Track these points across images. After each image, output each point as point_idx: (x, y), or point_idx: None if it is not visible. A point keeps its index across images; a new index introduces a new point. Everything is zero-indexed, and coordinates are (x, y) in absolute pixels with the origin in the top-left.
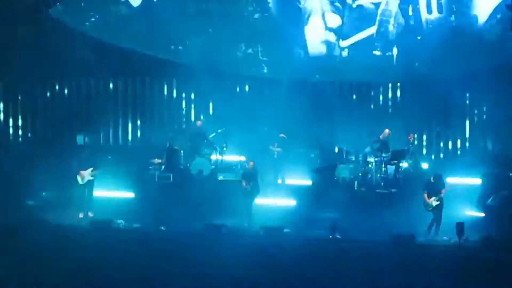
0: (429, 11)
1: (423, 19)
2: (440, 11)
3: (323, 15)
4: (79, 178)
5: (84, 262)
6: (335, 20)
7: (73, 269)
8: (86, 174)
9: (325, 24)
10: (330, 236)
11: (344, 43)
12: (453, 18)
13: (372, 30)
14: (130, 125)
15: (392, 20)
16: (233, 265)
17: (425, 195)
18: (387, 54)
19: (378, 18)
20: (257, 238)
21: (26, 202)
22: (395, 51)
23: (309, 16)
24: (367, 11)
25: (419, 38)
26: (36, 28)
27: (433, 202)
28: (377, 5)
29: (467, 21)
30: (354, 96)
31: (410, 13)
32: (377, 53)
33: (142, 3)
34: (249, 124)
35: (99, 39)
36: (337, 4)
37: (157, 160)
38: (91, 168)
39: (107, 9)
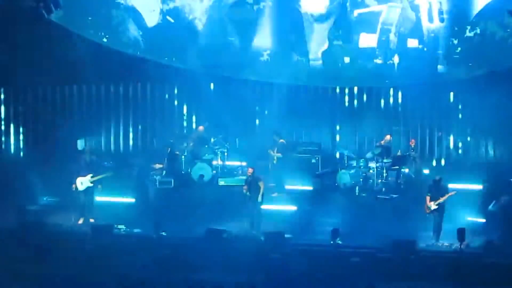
0: (430, 20)
1: (424, 28)
2: (441, 20)
3: (324, 21)
4: (78, 184)
5: (84, 267)
6: (336, 27)
7: (73, 274)
8: (85, 181)
9: (326, 30)
10: (331, 242)
11: (345, 54)
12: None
13: (372, 50)
14: (131, 130)
15: (393, 29)
16: (234, 271)
17: (428, 198)
18: (388, 62)
19: (379, 26)
20: (258, 243)
21: (27, 206)
22: (396, 59)
23: (309, 22)
24: (368, 19)
25: (420, 46)
26: (36, 32)
27: (432, 205)
28: (378, 13)
29: (467, 28)
30: (355, 102)
31: (411, 22)
32: (379, 61)
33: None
34: (250, 129)
35: (100, 44)
36: (338, 11)
37: (158, 165)
38: (90, 175)
39: (109, 14)
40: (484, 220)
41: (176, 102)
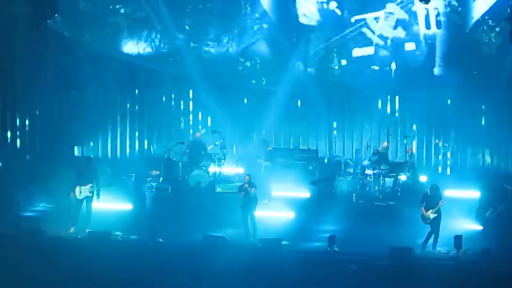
0: (428, 26)
1: (422, 34)
2: (438, 27)
3: (322, 28)
4: (77, 192)
5: (81, 273)
6: (334, 34)
7: (70, 281)
8: (84, 190)
9: (324, 36)
10: (328, 249)
11: (342, 60)
12: (451, 32)
13: (370, 50)
14: (128, 137)
15: (390, 35)
16: (231, 277)
17: (423, 208)
18: (385, 68)
19: (376, 32)
20: (255, 250)
21: (24, 212)
22: (393, 66)
23: (308, 28)
24: (366, 25)
25: (417, 53)
26: (34, 39)
27: (431, 215)
28: (375, 20)
29: (465, 35)
30: (353, 109)
31: (409, 28)
32: (376, 67)
33: None
34: (246, 136)
35: (98, 50)
36: (336, 16)
37: (155, 172)
38: (90, 184)
39: (106, 20)
40: (481, 228)
41: (173, 109)
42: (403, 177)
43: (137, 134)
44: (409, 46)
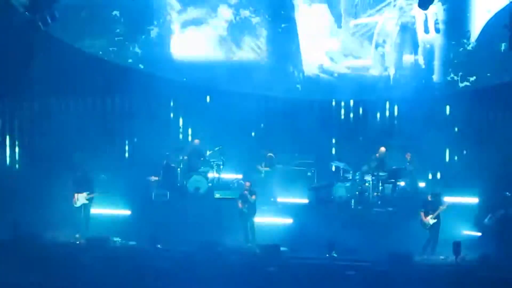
0: (426, 31)
1: (420, 39)
2: (437, 31)
3: (319, 33)
4: (74, 199)
5: (80, 279)
6: (331, 39)
7: (68, 287)
8: (81, 198)
9: (322, 41)
10: (327, 255)
11: (340, 66)
12: (450, 38)
13: (368, 62)
14: (127, 143)
15: (389, 40)
16: (229, 284)
17: (422, 214)
18: (383, 74)
19: (375, 37)
20: (254, 256)
21: (22, 219)
22: (391, 71)
23: (305, 33)
24: (364, 30)
25: (416, 58)
26: (32, 45)
27: (430, 220)
28: (374, 24)
29: (463, 40)
30: (351, 115)
31: (407, 33)
32: (374, 73)
33: None
34: (245, 142)
35: (96, 56)
36: (334, 22)
37: (154, 178)
38: (87, 192)
39: (105, 26)
40: (479, 234)
41: (172, 115)
42: (402, 183)
43: (135, 139)
44: (408, 51)
